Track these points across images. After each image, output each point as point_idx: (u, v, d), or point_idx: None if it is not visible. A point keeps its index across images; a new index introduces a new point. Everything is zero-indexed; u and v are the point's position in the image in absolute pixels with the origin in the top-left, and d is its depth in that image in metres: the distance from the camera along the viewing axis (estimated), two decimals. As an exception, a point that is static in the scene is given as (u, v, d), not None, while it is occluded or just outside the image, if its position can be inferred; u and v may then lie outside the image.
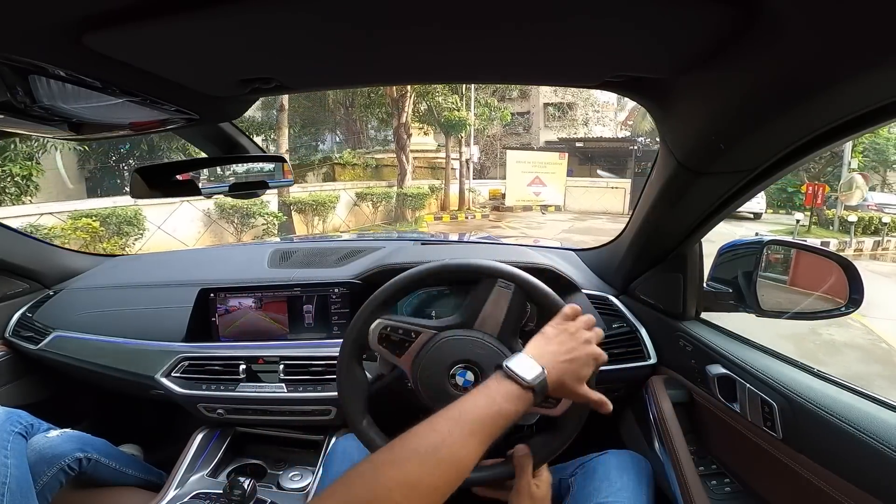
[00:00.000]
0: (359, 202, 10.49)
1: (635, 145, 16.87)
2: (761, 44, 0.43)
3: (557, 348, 0.61)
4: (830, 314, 0.87)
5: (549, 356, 0.60)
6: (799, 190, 12.57)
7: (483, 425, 0.50)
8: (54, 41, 0.43)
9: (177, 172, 0.90)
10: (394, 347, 0.77)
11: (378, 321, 0.77)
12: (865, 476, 0.58)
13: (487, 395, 0.54)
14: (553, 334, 0.63)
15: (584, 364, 0.61)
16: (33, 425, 0.98)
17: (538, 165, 14.29)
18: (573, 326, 0.64)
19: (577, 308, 0.67)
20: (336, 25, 0.45)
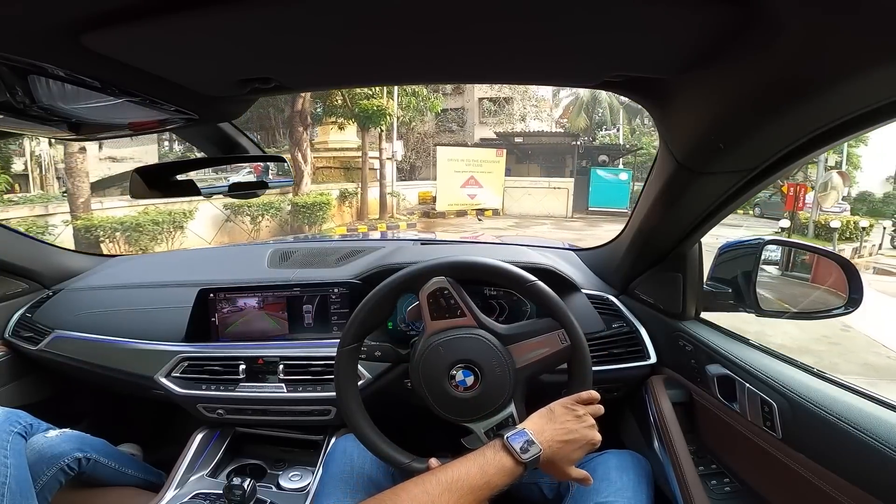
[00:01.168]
0: (233, 217, 8.10)
1: (577, 141, 15.66)
2: (761, 44, 0.43)
3: (559, 429, 0.64)
4: (830, 314, 0.87)
5: (548, 434, 0.63)
6: (781, 190, 11.76)
7: (472, 494, 0.53)
8: (53, 41, 0.43)
9: (176, 172, 0.90)
10: (436, 309, 0.77)
11: (442, 278, 0.77)
12: (865, 476, 0.58)
13: (481, 467, 0.57)
14: (560, 414, 0.66)
15: (578, 448, 0.65)
16: (32, 425, 0.98)
17: (473, 164, 12.67)
18: (582, 410, 0.67)
19: (594, 395, 0.70)
20: (335, 25, 0.45)
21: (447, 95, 17.28)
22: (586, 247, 1.37)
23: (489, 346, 0.75)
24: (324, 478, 0.85)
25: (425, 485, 0.53)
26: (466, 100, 18.06)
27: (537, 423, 0.65)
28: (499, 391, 0.74)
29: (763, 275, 0.92)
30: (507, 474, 0.57)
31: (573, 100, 21.07)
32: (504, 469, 0.58)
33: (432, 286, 0.77)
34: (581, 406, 0.68)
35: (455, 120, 17.95)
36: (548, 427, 0.64)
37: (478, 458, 0.58)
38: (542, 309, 0.79)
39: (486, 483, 0.56)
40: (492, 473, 0.57)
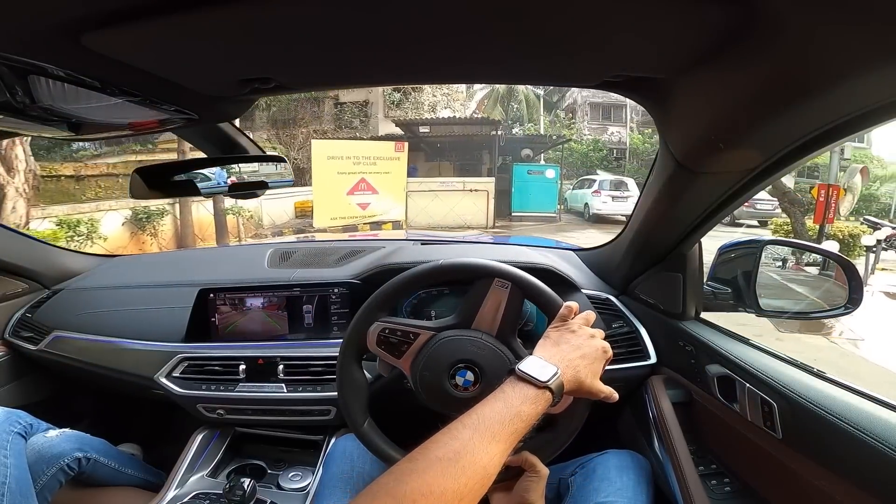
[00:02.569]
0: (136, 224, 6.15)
1: (497, 130, 12.16)
2: (761, 44, 0.43)
3: (565, 347, 0.61)
4: (830, 314, 0.87)
5: (559, 356, 0.60)
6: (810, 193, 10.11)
7: (504, 429, 0.50)
8: (53, 41, 0.43)
9: (176, 173, 0.90)
10: (392, 349, 0.77)
11: (376, 324, 0.77)
12: (865, 476, 0.58)
13: (505, 400, 0.53)
14: (557, 336, 0.64)
15: (595, 359, 0.62)
16: (32, 425, 0.98)
17: (365, 163, 9.02)
18: (574, 325, 0.65)
19: (572, 306, 0.68)
20: (335, 25, 0.45)
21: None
22: (586, 247, 1.37)
23: (488, 345, 0.75)
24: (324, 478, 0.85)
25: (452, 431, 0.50)
26: (370, 91, 14.03)
27: (542, 349, 0.62)
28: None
29: (763, 275, 0.92)
30: (533, 401, 0.54)
31: (488, 92, 19.49)
32: (528, 396, 0.54)
33: (373, 335, 0.77)
34: (570, 322, 0.65)
35: (357, 114, 14.41)
36: (554, 350, 0.61)
37: (498, 395, 0.55)
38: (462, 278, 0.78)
39: (516, 414, 0.52)
40: (517, 404, 0.53)
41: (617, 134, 18.94)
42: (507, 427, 0.50)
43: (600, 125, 19.08)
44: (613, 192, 12.37)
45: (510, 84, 0.76)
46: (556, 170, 12.66)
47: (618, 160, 18.27)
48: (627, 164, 17.91)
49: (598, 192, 12.49)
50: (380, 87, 14.18)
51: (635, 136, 18.28)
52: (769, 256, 0.93)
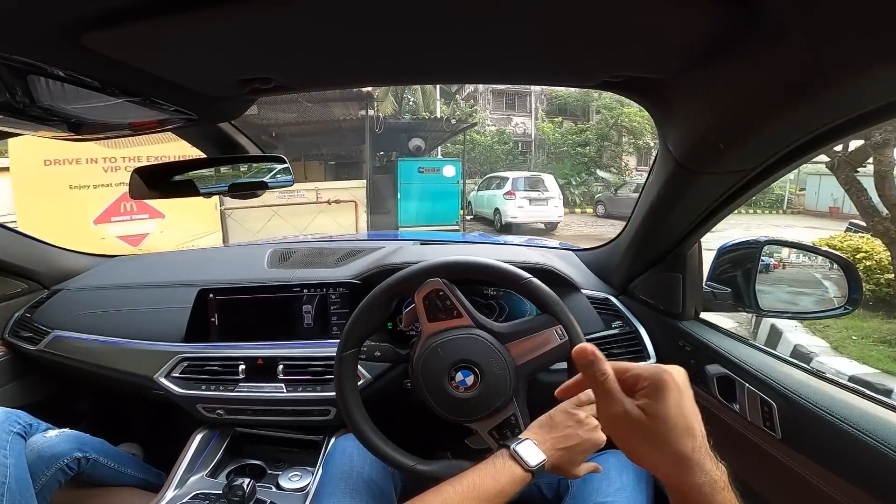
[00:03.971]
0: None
1: (369, 108, 8.22)
2: (761, 44, 0.43)
3: (559, 436, 0.64)
4: (830, 313, 0.87)
5: (550, 443, 0.64)
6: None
7: (488, 502, 0.55)
8: (53, 41, 0.43)
9: (176, 173, 0.90)
10: (434, 312, 0.76)
11: (438, 280, 0.76)
12: (865, 476, 0.58)
13: (493, 476, 0.59)
14: (560, 421, 0.66)
15: (581, 451, 0.65)
16: (32, 425, 0.98)
17: (129, 167, 3.98)
18: (583, 413, 0.66)
19: (591, 395, 0.66)
20: (334, 25, 0.45)
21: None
22: (586, 247, 1.37)
23: (488, 346, 0.75)
24: (323, 478, 0.85)
25: (443, 494, 0.55)
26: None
27: (538, 432, 0.66)
28: (499, 390, 0.74)
29: (763, 275, 0.92)
30: (517, 482, 0.59)
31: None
32: (515, 477, 0.59)
33: (426, 288, 0.76)
34: (581, 409, 0.67)
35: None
36: (549, 436, 0.65)
37: (489, 468, 0.60)
38: (539, 306, 0.79)
39: (499, 491, 0.57)
40: (504, 482, 0.58)
41: (522, 125, 16.71)
42: (491, 501, 0.56)
43: (504, 115, 16.70)
44: (530, 194, 10.06)
45: (510, 84, 0.77)
46: (457, 166, 9.40)
47: (524, 153, 16.34)
48: (534, 158, 16.14)
49: (512, 193, 10.01)
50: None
51: (544, 125, 16.32)
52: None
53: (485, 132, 15.77)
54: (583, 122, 16.63)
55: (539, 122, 16.54)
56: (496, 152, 15.36)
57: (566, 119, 16.56)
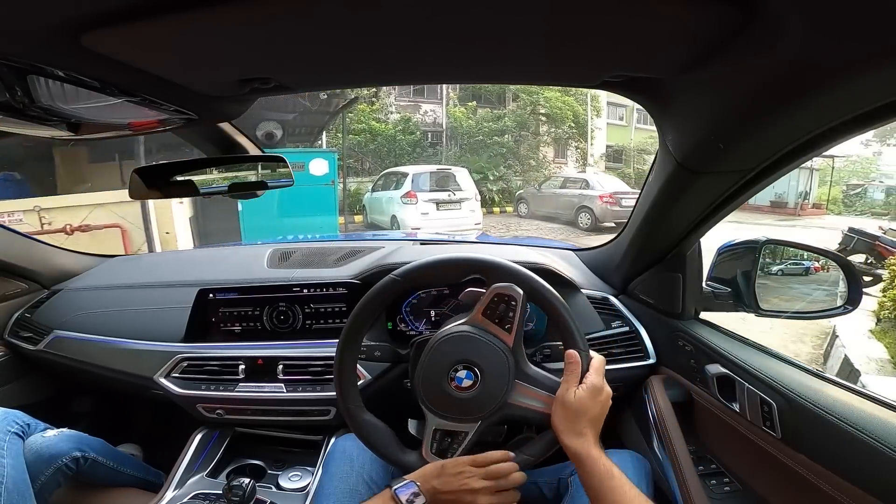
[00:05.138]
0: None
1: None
2: (761, 44, 0.43)
3: (443, 483, 0.67)
4: (829, 313, 0.87)
5: (432, 492, 0.67)
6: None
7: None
8: (53, 41, 0.43)
9: (176, 173, 0.90)
10: (492, 312, 0.74)
11: (523, 294, 0.74)
12: (864, 475, 0.58)
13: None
14: (448, 470, 0.69)
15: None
16: (30, 425, 0.98)
17: None
18: (472, 473, 0.68)
19: (507, 468, 0.70)
20: (334, 25, 0.45)
21: None
22: (586, 247, 1.38)
23: (487, 345, 0.75)
24: (323, 478, 0.85)
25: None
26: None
27: (425, 475, 0.68)
28: (488, 400, 0.73)
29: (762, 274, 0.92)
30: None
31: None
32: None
33: (506, 289, 0.74)
34: (474, 468, 0.68)
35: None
36: (434, 481, 0.67)
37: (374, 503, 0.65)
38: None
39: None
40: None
41: (432, 113, 14.18)
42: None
43: (411, 101, 14.04)
44: (438, 195, 7.88)
45: (510, 84, 0.77)
46: (331, 159, 6.69)
47: (434, 145, 14.00)
48: (446, 150, 13.89)
49: (413, 195, 7.72)
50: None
51: (455, 110, 13.95)
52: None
53: (387, 120, 13.13)
54: (499, 108, 14.62)
55: (450, 108, 14.28)
56: (400, 144, 12.63)
57: (481, 106, 14.37)
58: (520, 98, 14.20)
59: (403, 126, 13.06)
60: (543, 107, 13.94)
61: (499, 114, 14.27)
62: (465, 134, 13.81)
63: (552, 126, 14.45)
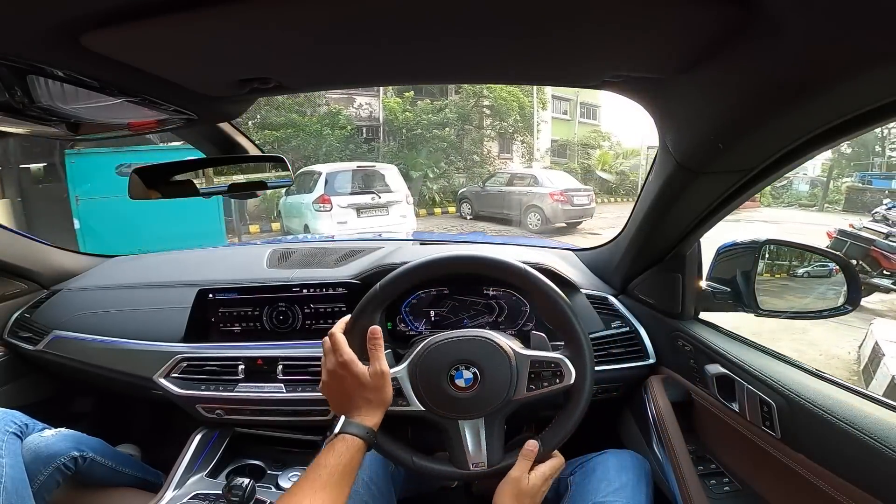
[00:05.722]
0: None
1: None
2: (761, 44, 0.43)
3: (333, 405, 0.74)
4: (829, 313, 0.87)
5: (337, 412, 0.72)
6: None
7: (304, 480, 0.61)
8: (52, 41, 0.43)
9: (175, 173, 0.90)
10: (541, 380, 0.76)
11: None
12: (864, 475, 0.58)
13: (327, 452, 0.64)
14: (328, 401, 0.75)
15: (343, 385, 0.71)
16: (28, 425, 0.98)
17: None
18: (325, 379, 0.74)
19: (327, 343, 0.75)
20: (334, 25, 0.45)
21: None
22: (585, 247, 1.38)
23: (487, 344, 0.76)
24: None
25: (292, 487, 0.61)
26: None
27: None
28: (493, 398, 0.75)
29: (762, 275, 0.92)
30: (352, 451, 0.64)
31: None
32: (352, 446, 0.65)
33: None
34: (326, 365, 0.74)
35: None
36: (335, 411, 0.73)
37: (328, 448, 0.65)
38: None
39: (335, 463, 0.62)
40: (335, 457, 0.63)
41: (367, 106, 12.57)
42: (308, 478, 0.61)
43: (345, 94, 12.10)
44: (359, 199, 6.69)
45: (510, 84, 0.77)
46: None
47: (369, 141, 12.36)
48: (383, 146, 12.32)
49: (326, 199, 6.49)
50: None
51: (391, 101, 12.22)
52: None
53: (315, 113, 11.40)
54: (440, 99, 13.02)
55: (385, 98, 12.55)
56: (328, 139, 10.63)
57: (419, 97, 12.80)
58: (462, 89, 12.95)
59: (331, 120, 11.04)
60: (488, 98, 12.68)
61: (439, 105, 12.56)
62: (401, 127, 12.16)
63: (497, 119, 13.33)
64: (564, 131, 16.99)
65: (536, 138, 14.84)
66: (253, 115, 9.37)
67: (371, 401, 0.69)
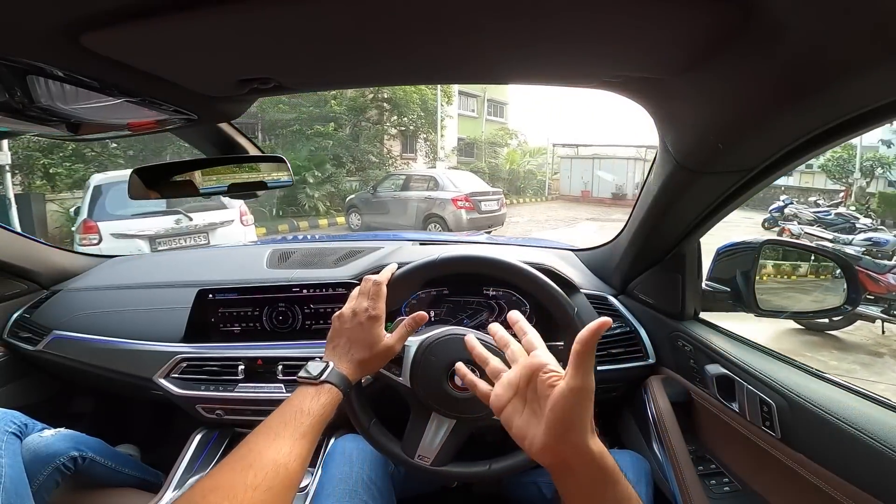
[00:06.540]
0: None
1: None
2: (761, 44, 0.43)
3: (332, 343, 0.68)
4: (828, 313, 0.87)
5: (329, 353, 0.67)
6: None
7: (286, 427, 0.56)
8: (52, 41, 0.43)
9: (175, 173, 0.90)
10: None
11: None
12: (864, 475, 0.58)
13: (288, 402, 0.60)
14: (330, 333, 0.69)
15: (360, 333, 0.67)
16: (28, 425, 0.98)
17: None
18: (346, 313, 0.69)
19: (353, 294, 0.71)
20: (334, 25, 0.45)
21: None
22: (585, 247, 1.38)
23: (486, 344, 0.75)
24: (323, 478, 0.85)
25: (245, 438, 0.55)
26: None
27: (325, 350, 0.68)
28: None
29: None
30: (314, 396, 0.61)
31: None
32: (307, 393, 0.61)
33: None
34: (344, 313, 0.69)
35: None
36: (328, 350, 0.68)
37: (290, 398, 0.61)
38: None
39: (298, 411, 0.58)
40: (297, 401, 0.59)
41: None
42: (290, 423, 0.56)
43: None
44: (150, 223, 4.71)
45: (509, 84, 0.77)
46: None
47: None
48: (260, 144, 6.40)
49: (92, 227, 4.48)
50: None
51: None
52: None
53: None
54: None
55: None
56: (172, 139, 7.58)
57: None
58: (356, 79, 11.61)
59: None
60: (386, 91, 11.21)
61: (323, 97, 10.79)
62: (274, 123, 10.50)
63: (396, 114, 12.03)
64: (472, 129, 16.48)
65: (441, 136, 13.70)
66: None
67: (365, 363, 0.67)
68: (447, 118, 14.14)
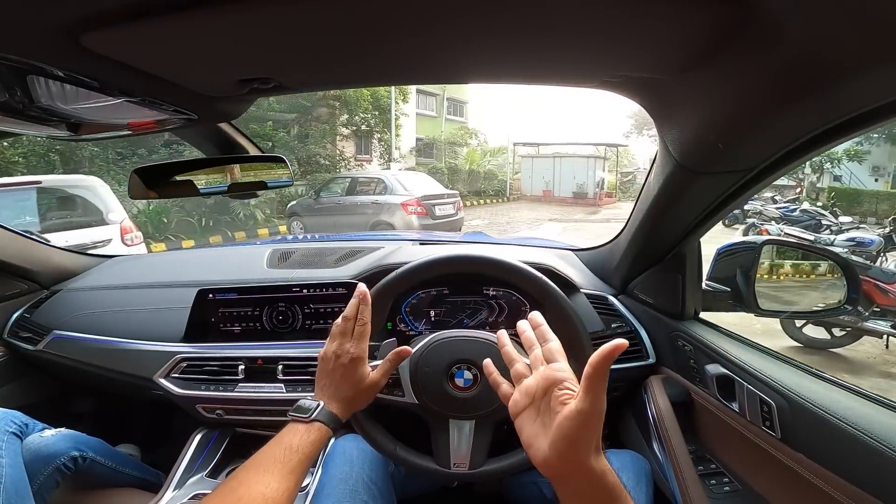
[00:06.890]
0: None
1: None
2: (761, 44, 0.43)
3: (319, 384, 0.69)
4: (828, 313, 0.87)
5: (319, 392, 0.68)
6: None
7: (275, 463, 0.57)
8: (52, 41, 0.43)
9: (175, 173, 0.90)
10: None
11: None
12: (864, 475, 0.58)
13: (277, 439, 0.61)
14: (317, 374, 0.70)
15: (341, 376, 0.68)
16: (28, 425, 0.98)
17: None
18: (328, 355, 0.69)
19: (333, 332, 0.72)
20: (334, 25, 0.45)
21: None
22: (585, 247, 1.38)
23: (485, 344, 0.76)
24: (323, 478, 0.85)
25: (235, 472, 0.56)
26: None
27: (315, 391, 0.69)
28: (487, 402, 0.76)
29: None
30: (304, 433, 0.61)
31: None
32: (297, 430, 0.61)
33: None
34: (327, 355, 0.69)
35: None
36: (317, 387, 0.68)
37: (277, 436, 0.62)
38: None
39: (287, 447, 0.59)
40: (287, 439, 0.60)
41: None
42: (280, 459, 0.57)
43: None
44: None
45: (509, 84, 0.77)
46: None
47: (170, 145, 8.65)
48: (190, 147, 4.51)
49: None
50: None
51: None
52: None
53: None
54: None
55: None
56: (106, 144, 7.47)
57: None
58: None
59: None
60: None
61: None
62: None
63: (346, 113, 11.28)
64: (431, 129, 16.08)
65: (397, 135, 13.02)
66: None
67: (353, 400, 0.68)
68: (403, 116, 13.47)
